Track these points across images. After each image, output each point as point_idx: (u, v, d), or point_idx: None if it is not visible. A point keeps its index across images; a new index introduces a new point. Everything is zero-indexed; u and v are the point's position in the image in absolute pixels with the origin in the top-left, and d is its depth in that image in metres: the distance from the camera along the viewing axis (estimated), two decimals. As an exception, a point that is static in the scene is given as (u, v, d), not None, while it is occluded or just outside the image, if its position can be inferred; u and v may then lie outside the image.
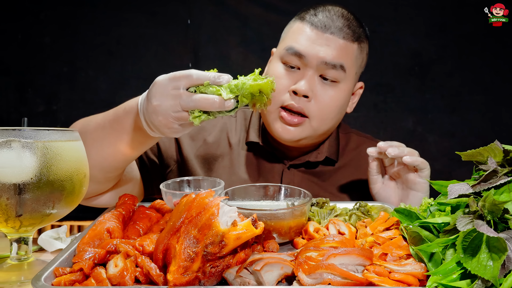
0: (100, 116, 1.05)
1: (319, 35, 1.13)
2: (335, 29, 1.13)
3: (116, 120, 0.99)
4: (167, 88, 0.82)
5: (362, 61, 1.23)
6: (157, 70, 2.84)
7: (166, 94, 0.82)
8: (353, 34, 1.16)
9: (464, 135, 2.48)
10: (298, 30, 1.17)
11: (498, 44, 2.41)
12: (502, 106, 2.45)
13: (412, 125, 2.50)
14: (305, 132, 1.17)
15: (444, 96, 2.48)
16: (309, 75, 1.13)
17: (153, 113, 0.85)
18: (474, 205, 0.64)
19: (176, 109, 0.82)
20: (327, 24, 1.14)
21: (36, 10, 2.48)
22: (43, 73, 2.51)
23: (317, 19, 1.15)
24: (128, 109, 0.97)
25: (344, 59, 1.14)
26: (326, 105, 1.15)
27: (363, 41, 1.20)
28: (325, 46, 1.12)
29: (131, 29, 2.50)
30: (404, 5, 2.46)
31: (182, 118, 0.83)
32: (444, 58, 2.46)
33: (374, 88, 2.47)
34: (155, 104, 0.84)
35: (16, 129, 0.73)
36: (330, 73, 1.14)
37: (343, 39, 1.14)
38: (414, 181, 1.07)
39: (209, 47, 2.51)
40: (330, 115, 1.18)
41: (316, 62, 1.13)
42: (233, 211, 0.66)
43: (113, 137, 0.99)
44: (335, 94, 1.16)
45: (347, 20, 1.16)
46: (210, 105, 0.80)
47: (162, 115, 0.84)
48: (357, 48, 1.18)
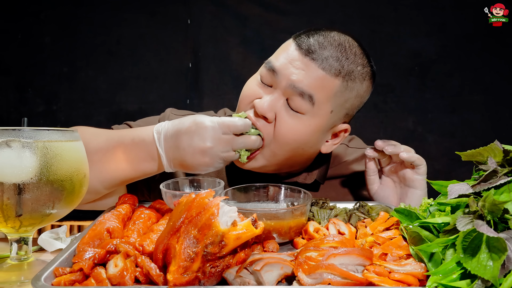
0: (102, 138, 1.02)
1: (299, 57, 1.02)
2: (318, 56, 1.00)
3: (122, 148, 0.98)
4: (219, 132, 0.93)
5: (346, 100, 1.06)
6: (157, 70, 2.86)
7: (219, 138, 0.93)
8: (339, 68, 1.01)
9: (464, 135, 2.48)
10: (285, 46, 1.08)
11: (498, 44, 2.41)
12: (502, 106, 2.45)
13: (412, 125, 2.50)
14: (262, 160, 1.08)
15: (444, 96, 2.48)
16: (275, 96, 1.03)
17: (198, 154, 0.93)
18: (474, 205, 0.64)
19: (227, 149, 0.95)
20: (312, 48, 1.01)
21: (36, 10, 2.48)
22: (43, 73, 2.51)
23: (307, 40, 1.03)
24: (138, 141, 0.97)
25: (316, 91, 1.01)
26: (283, 133, 1.03)
27: (353, 80, 1.04)
28: (300, 70, 1.01)
29: (131, 29, 2.50)
30: (404, 5, 2.46)
31: (229, 157, 0.97)
32: (444, 58, 2.46)
33: (374, 88, 2.46)
34: (208, 146, 0.92)
35: (16, 129, 0.72)
36: (296, 100, 1.01)
37: (323, 69, 1.00)
38: (412, 178, 1.07)
39: (209, 47, 2.51)
40: (285, 146, 1.05)
41: (285, 83, 1.01)
42: (233, 211, 0.66)
43: (116, 164, 0.99)
44: (295, 126, 1.02)
45: (340, 51, 1.02)
46: (253, 143, 1.00)
47: (210, 156, 0.94)
48: (340, 85, 1.02)
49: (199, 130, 0.92)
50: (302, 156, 1.13)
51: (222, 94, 2.52)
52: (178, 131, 0.94)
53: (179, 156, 0.94)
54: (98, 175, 1.00)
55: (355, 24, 2.46)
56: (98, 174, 1.00)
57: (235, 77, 2.49)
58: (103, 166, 1.00)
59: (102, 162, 1.00)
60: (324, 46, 1.02)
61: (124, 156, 0.99)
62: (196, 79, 2.52)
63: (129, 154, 0.98)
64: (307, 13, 2.47)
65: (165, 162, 0.96)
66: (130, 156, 0.98)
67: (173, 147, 0.94)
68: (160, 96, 2.52)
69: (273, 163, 1.09)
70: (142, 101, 2.52)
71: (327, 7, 2.47)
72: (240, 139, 0.96)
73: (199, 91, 2.53)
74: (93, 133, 1.07)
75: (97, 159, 0.99)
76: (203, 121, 0.93)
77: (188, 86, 2.53)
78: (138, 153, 0.98)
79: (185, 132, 0.93)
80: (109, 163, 1.00)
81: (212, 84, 2.53)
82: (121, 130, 1.06)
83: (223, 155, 0.95)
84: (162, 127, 0.96)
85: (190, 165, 0.95)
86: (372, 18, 2.47)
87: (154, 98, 2.52)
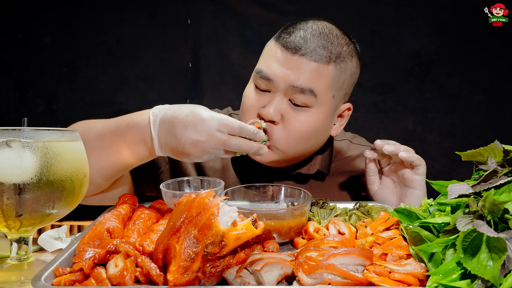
0: (100, 125, 1.04)
1: (288, 57, 1.06)
2: (306, 51, 1.05)
3: (118, 133, 0.99)
4: (214, 129, 0.89)
5: (343, 82, 1.12)
6: (157, 70, 2.86)
7: (212, 134, 0.89)
8: (328, 55, 1.06)
9: (464, 135, 2.48)
10: (270, 51, 1.11)
11: (498, 44, 2.41)
12: (502, 106, 2.45)
13: (412, 125, 2.50)
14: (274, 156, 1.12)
15: (444, 96, 2.48)
16: (277, 99, 1.07)
17: (190, 144, 0.90)
18: (474, 205, 0.64)
19: (218, 147, 0.91)
20: (298, 44, 1.05)
21: (36, 10, 2.48)
22: (43, 73, 2.51)
23: (290, 39, 1.07)
24: (133, 125, 0.97)
25: (315, 83, 1.05)
26: (294, 130, 1.08)
27: (344, 60, 1.09)
28: (294, 69, 1.05)
29: (131, 29, 2.50)
30: (404, 5, 2.46)
31: (219, 155, 0.93)
32: (444, 58, 2.46)
33: (374, 88, 2.47)
34: (200, 139, 0.89)
35: (16, 129, 0.72)
36: (299, 97, 1.06)
37: (315, 61, 1.05)
38: (411, 179, 1.07)
39: (209, 47, 2.51)
40: (298, 140, 1.10)
41: (284, 86, 1.06)
42: (233, 211, 0.66)
43: (113, 149, 1.00)
44: (306, 120, 1.08)
45: (324, 39, 1.07)
46: (249, 149, 0.94)
47: (200, 150, 0.91)
48: (334, 70, 1.07)
49: (195, 122, 0.90)
50: (316, 145, 1.18)
51: (222, 94, 2.52)
52: (175, 118, 0.92)
53: (170, 142, 0.93)
54: (99, 163, 1.01)
55: (355, 24, 2.46)
56: (98, 162, 1.01)
57: (235, 77, 2.49)
58: (102, 152, 1.01)
59: (100, 148, 1.00)
60: (307, 39, 1.06)
61: (120, 140, 0.99)
62: (196, 79, 2.52)
63: (124, 138, 0.98)
64: (307, 13, 2.47)
65: (157, 145, 0.95)
66: (125, 140, 0.98)
67: (166, 132, 0.93)
68: (160, 96, 2.52)
69: (290, 157, 1.14)
70: (142, 101, 2.52)
71: (327, 7, 2.47)
72: (235, 140, 0.91)
73: (199, 91, 2.53)
74: (93, 121, 1.09)
75: (96, 146, 1.00)
76: (201, 113, 0.90)
77: (188, 86, 2.53)
78: (132, 136, 0.97)
79: (180, 120, 0.91)
80: (107, 149, 1.00)
81: (212, 84, 2.53)
82: (117, 117, 1.06)
83: (213, 151, 0.92)
84: (160, 110, 0.95)
85: (180, 153, 0.93)
86: (372, 18, 2.47)
87: (154, 98, 2.52)
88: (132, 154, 1.00)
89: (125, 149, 0.99)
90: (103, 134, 1.01)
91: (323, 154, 1.27)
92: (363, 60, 1.23)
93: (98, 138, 1.01)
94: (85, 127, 1.05)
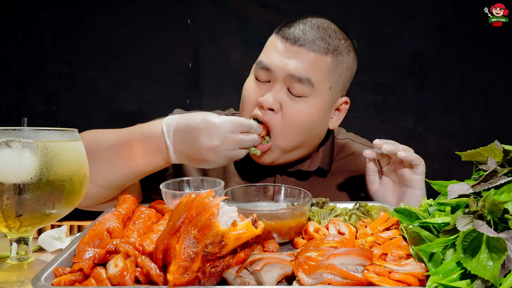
0: (112, 136, 1.07)
1: (287, 47, 1.09)
2: (304, 41, 1.08)
3: (132, 143, 1.03)
4: (227, 131, 0.97)
5: (339, 74, 1.14)
6: (157, 70, 2.86)
7: (226, 136, 0.97)
8: (326, 46, 1.10)
9: (464, 135, 2.48)
10: (271, 44, 1.15)
11: (498, 44, 2.41)
12: (502, 106, 2.45)
13: (412, 125, 2.50)
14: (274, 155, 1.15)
15: (444, 96, 2.48)
16: (276, 88, 1.10)
17: (206, 151, 0.96)
18: (474, 205, 0.64)
19: (233, 148, 0.99)
20: (297, 36, 1.09)
21: (36, 10, 2.48)
22: (43, 73, 2.51)
23: (290, 31, 1.11)
24: (147, 135, 1.02)
25: (313, 73, 1.09)
26: (292, 119, 1.10)
27: (341, 53, 1.13)
28: (293, 59, 1.08)
29: (131, 29, 2.50)
30: (404, 5, 2.46)
31: (235, 155, 1.00)
32: (444, 58, 2.46)
33: (374, 88, 2.47)
34: (216, 144, 0.96)
35: (16, 129, 0.73)
36: (296, 86, 1.09)
37: (313, 51, 1.08)
38: (410, 178, 1.07)
39: (209, 47, 2.51)
40: (297, 130, 1.12)
41: (283, 75, 1.09)
42: (233, 211, 0.66)
43: (128, 159, 1.03)
44: (303, 109, 1.10)
45: (322, 31, 1.11)
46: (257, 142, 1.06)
47: (216, 154, 0.97)
48: (331, 61, 1.11)
49: (208, 128, 0.96)
50: (313, 137, 1.19)
51: (222, 94, 2.52)
52: (187, 126, 0.97)
53: (186, 150, 0.98)
54: (111, 173, 1.05)
55: (355, 24, 2.46)
56: (111, 172, 1.04)
57: (235, 77, 2.49)
58: (115, 163, 1.04)
59: (113, 159, 1.04)
60: (306, 31, 1.10)
61: (134, 150, 1.03)
62: (196, 79, 2.52)
63: (139, 148, 1.02)
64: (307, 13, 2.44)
65: (172, 154, 1.00)
66: (140, 150, 1.03)
67: (181, 140, 0.98)
68: (160, 96, 2.52)
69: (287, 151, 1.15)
70: (142, 101, 2.52)
71: (327, 7, 2.47)
72: (247, 137, 1.01)
73: (199, 91, 2.53)
74: (103, 132, 1.12)
75: (109, 157, 1.04)
76: (212, 119, 0.96)
77: (188, 86, 2.53)
78: (147, 146, 1.02)
79: (194, 128, 0.96)
80: (121, 159, 1.04)
81: (212, 84, 2.53)
82: (129, 128, 1.09)
83: (230, 153, 0.98)
84: (171, 120, 1.00)
85: (196, 160, 0.99)
86: (372, 18, 2.47)
87: (154, 98, 2.52)
88: (148, 163, 1.04)
89: (141, 159, 1.03)
90: (116, 145, 1.04)
91: (323, 151, 1.28)
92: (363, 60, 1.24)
93: (111, 149, 1.04)
94: (96, 138, 1.08)
